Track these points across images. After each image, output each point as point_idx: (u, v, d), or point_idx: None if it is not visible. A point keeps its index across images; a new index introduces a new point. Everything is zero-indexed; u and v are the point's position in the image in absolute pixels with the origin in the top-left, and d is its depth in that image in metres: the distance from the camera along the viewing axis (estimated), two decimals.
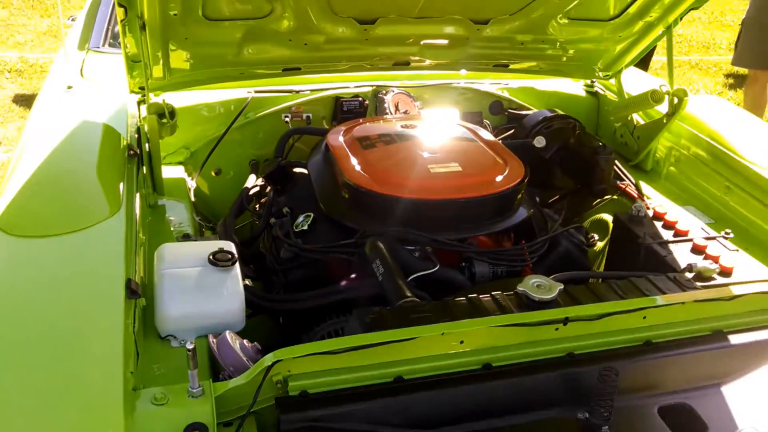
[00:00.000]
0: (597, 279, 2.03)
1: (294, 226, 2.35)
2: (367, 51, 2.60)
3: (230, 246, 1.95)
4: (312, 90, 2.93)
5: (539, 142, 2.80)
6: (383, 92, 2.97)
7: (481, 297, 1.79)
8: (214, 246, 1.94)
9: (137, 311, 1.68)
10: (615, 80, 3.04)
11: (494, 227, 2.25)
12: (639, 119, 2.96)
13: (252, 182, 2.74)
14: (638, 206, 2.38)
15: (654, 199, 2.68)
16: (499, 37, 2.66)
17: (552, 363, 1.67)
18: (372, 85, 2.99)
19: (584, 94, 3.28)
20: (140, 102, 2.53)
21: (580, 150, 2.73)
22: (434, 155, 2.35)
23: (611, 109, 3.08)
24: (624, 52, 2.88)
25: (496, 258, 2.20)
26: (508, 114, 3.13)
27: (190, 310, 1.75)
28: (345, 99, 2.93)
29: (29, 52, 8.26)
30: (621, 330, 1.76)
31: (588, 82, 3.29)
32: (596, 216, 2.74)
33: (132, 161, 2.26)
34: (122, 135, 2.33)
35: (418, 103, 3.01)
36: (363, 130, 2.54)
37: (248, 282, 2.15)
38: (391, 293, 1.88)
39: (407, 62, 2.79)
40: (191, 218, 2.37)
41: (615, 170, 2.81)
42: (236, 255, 1.91)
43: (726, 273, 2.08)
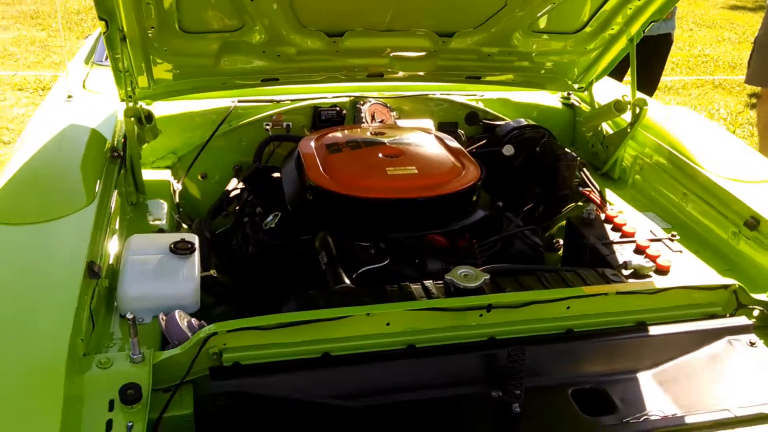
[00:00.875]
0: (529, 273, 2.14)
1: (263, 225, 2.52)
2: (339, 62, 2.77)
3: (193, 238, 2.12)
4: (292, 100, 3.10)
5: (507, 150, 2.92)
6: (361, 102, 3.14)
7: (412, 285, 1.92)
8: (179, 237, 2.11)
9: (98, 290, 1.85)
10: (587, 92, 3.16)
11: (448, 226, 2.39)
12: (609, 129, 3.06)
13: (233, 185, 2.92)
14: (590, 210, 2.49)
15: (617, 206, 2.77)
16: (466, 49, 2.80)
17: (472, 346, 1.79)
18: (351, 96, 3.16)
19: (560, 106, 3.40)
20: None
21: (545, 158, 2.84)
22: (394, 159, 2.50)
23: (581, 120, 3.20)
24: (592, 65, 3.00)
25: (447, 255, 2.32)
26: (483, 124, 3.26)
27: (148, 292, 1.92)
28: (323, 109, 3.10)
29: (63, 72, 8.65)
30: (545, 318, 1.87)
31: (564, 95, 3.41)
32: (563, 222, 2.85)
33: (115, 162, 2.45)
34: (108, 139, 2.53)
35: (394, 113, 3.16)
36: (333, 137, 2.70)
37: (213, 273, 2.31)
38: (330, 280, 2.03)
39: (381, 74, 2.94)
40: (169, 216, 2.55)
41: (583, 177, 2.92)
42: (196, 245, 2.08)
43: (662, 271, 2.18)
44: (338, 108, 3.11)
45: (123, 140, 2.56)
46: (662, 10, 2.63)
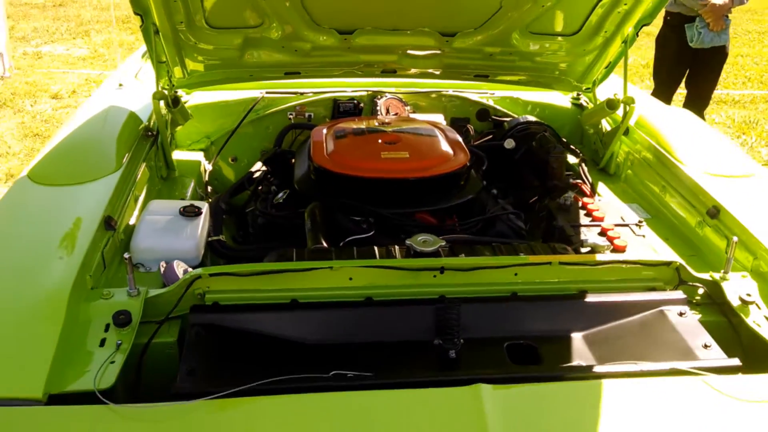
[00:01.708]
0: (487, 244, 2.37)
1: (274, 200, 2.85)
2: (352, 58, 3.06)
3: (202, 205, 2.46)
4: (315, 93, 3.43)
5: (508, 144, 3.15)
6: (378, 97, 3.43)
7: (377, 247, 2.19)
8: (189, 203, 2.46)
9: (114, 241, 2.21)
10: (592, 92, 3.34)
11: (434, 206, 2.64)
12: (609, 127, 3.24)
13: (257, 167, 3.26)
14: (567, 197, 2.70)
15: (605, 197, 2.95)
16: (469, 49, 3.04)
17: (423, 301, 2.04)
18: (369, 91, 3.46)
19: (570, 106, 3.58)
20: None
21: (539, 151, 3.05)
22: (390, 145, 2.77)
23: (582, 118, 3.38)
24: (591, 66, 3.17)
25: (432, 232, 2.57)
26: (493, 120, 3.49)
27: (156, 245, 2.27)
28: (341, 101, 3.42)
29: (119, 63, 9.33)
30: (494, 282, 2.10)
31: (574, 95, 3.59)
32: None
33: (147, 140, 2.83)
34: (143, 121, 2.91)
35: (408, 108, 3.43)
36: (343, 126, 2.99)
37: (222, 238, 2.64)
38: (309, 241, 2.32)
39: (394, 70, 3.22)
40: (194, 190, 2.91)
41: (579, 171, 3.10)
42: (203, 210, 2.41)
43: (619, 251, 2.36)
44: (356, 101, 3.41)
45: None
46: (651, 14, 2.80)
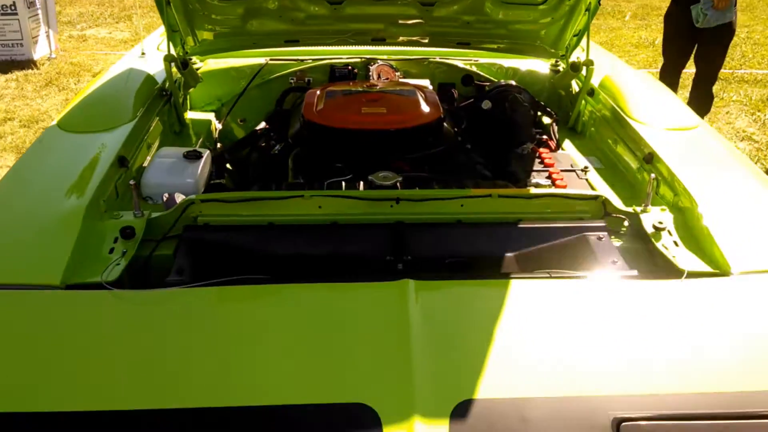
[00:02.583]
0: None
1: (271, 152, 3.25)
2: (342, 26, 3.43)
3: (204, 151, 2.88)
4: (314, 59, 3.82)
5: (485, 105, 3.48)
6: (371, 63, 3.80)
7: (343, 181, 2.58)
8: (192, 149, 2.88)
9: (126, 176, 2.63)
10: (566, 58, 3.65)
11: (409, 155, 3.00)
12: (577, 88, 3.55)
13: (261, 126, 3.66)
14: (525, 147, 3.04)
15: (568, 150, 3.27)
16: (448, 17, 3.38)
17: (381, 225, 2.41)
18: (363, 58, 3.83)
19: (548, 72, 3.90)
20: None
21: (508, 110, 3.38)
22: (372, 102, 3.14)
23: (554, 81, 3.69)
24: (561, 34, 3.48)
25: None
26: (476, 85, 3.82)
27: (162, 181, 2.69)
28: (338, 67, 3.80)
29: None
30: (442, 212, 2.46)
31: (554, 62, 3.90)
32: None
33: (162, 98, 3.26)
34: (159, 82, 3.34)
35: (399, 74, 3.79)
36: (334, 88, 3.37)
37: (224, 182, 3.05)
38: (291, 179, 2.73)
39: (383, 39, 3.58)
40: (203, 143, 3.33)
41: (549, 129, 3.43)
42: (203, 155, 2.83)
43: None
44: (350, 67, 3.79)
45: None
46: None
